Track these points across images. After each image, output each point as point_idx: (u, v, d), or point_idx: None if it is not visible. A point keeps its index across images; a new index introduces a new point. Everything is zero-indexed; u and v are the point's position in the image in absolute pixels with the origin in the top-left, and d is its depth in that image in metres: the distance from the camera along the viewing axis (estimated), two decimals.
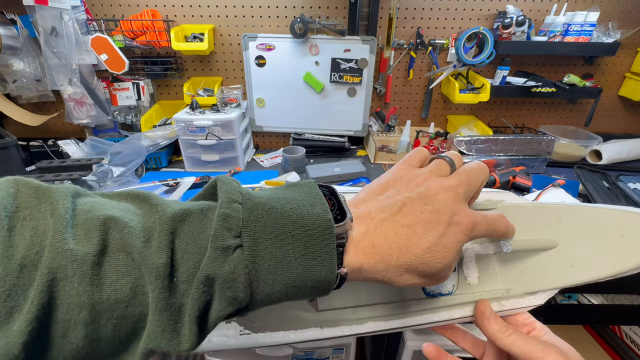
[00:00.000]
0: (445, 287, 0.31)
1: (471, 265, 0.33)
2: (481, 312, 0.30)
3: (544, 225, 0.31)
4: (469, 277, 0.32)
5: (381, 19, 1.12)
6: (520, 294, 0.31)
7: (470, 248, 0.33)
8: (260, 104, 1.19)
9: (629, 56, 1.21)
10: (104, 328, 0.19)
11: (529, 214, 0.32)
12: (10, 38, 1.01)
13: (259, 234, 0.21)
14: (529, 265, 0.31)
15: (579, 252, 0.30)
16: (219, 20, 1.10)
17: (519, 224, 0.31)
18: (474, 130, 1.18)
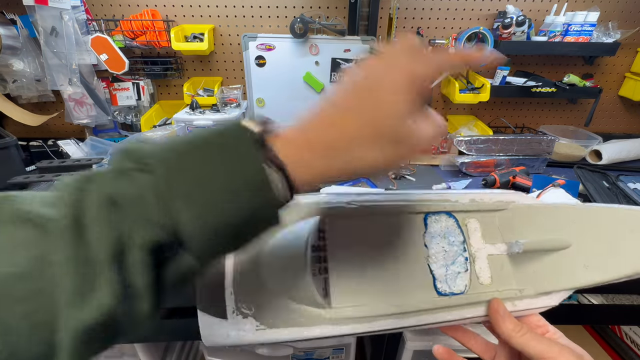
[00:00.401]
0: (458, 287, 0.32)
1: (483, 265, 0.33)
2: (495, 310, 0.30)
3: (556, 225, 0.31)
4: (481, 277, 0.32)
5: (381, 19, 1.12)
6: (534, 295, 0.31)
7: (483, 248, 0.33)
8: (260, 104, 1.19)
9: (629, 56, 1.21)
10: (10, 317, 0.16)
11: (542, 214, 0.32)
12: (10, 38, 1.01)
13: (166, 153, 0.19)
14: (542, 265, 0.31)
15: (592, 252, 0.29)
16: (219, 20, 1.10)
17: (531, 225, 0.31)
18: (474, 130, 1.18)
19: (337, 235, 0.34)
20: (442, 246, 0.34)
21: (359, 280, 0.33)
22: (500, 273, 0.32)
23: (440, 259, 0.33)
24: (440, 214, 0.35)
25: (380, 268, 0.33)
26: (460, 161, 1.04)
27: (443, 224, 0.35)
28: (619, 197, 0.88)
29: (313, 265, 0.32)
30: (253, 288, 0.33)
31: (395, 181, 1.01)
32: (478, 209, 0.35)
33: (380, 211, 0.35)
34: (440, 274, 0.32)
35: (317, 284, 0.32)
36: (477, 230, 0.34)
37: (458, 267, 0.33)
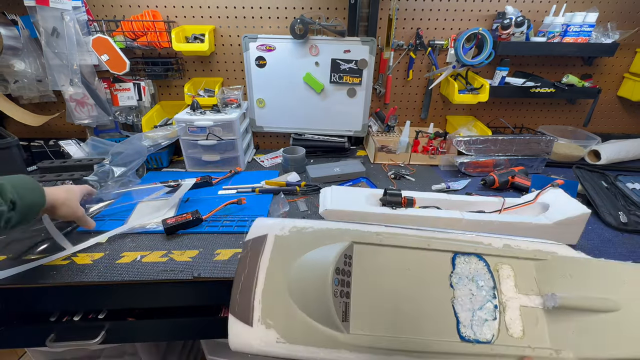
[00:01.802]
0: (484, 335, 0.29)
1: (515, 316, 0.30)
2: None
3: (604, 284, 0.29)
4: (512, 329, 0.30)
5: (381, 20, 1.12)
6: (572, 359, 0.28)
7: (515, 298, 0.31)
8: (260, 105, 1.20)
9: (627, 57, 1.22)
10: None
11: (587, 269, 0.30)
12: (11, 39, 1.01)
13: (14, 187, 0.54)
14: (584, 327, 0.28)
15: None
16: (220, 21, 1.11)
17: (574, 280, 0.29)
18: (473, 131, 1.18)
19: (363, 263, 0.35)
20: (469, 289, 0.32)
21: (380, 310, 0.32)
22: (534, 328, 0.30)
23: (466, 302, 0.31)
24: (471, 255, 0.34)
25: (402, 302, 0.32)
26: (459, 161, 1.04)
27: (472, 266, 0.33)
28: (617, 197, 0.88)
29: (335, 287, 0.33)
30: (280, 301, 0.35)
31: (395, 181, 1.02)
32: (513, 255, 0.33)
33: (408, 245, 0.35)
34: (465, 318, 0.31)
35: (338, 306, 0.32)
36: (510, 277, 0.32)
37: (486, 314, 0.31)
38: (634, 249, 0.71)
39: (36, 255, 0.67)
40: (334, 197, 0.77)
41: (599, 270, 0.30)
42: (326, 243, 0.36)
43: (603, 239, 0.74)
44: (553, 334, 0.29)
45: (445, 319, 0.31)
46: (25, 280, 0.62)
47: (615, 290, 0.28)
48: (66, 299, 0.67)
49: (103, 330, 0.72)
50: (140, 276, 0.63)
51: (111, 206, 0.85)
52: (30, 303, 0.66)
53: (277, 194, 0.91)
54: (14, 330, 0.72)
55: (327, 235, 0.37)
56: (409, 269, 0.34)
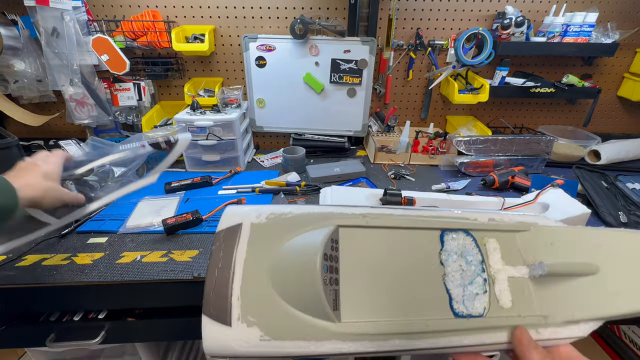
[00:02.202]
0: (476, 309, 0.30)
1: (504, 288, 0.31)
2: (519, 339, 0.28)
3: (583, 249, 0.30)
4: (502, 300, 0.31)
5: (381, 20, 1.12)
6: (560, 322, 0.29)
7: (502, 269, 0.32)
8: (260, 105, 1.20)
9: (627, 57, 1.22)
10: None
11: (566, 237, 0.31)
12: (11, 38, 1.01)
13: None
14: (569, 291, 0.30)
15: (624, 279, 0.28)
16: (220, 21, 1.11)
17: (555, 248, 0.30)
18: (473, 131, 1.18)
19: (350, 247, 0.34)
20: (459, 265, 0.32)
21: (371, 295, 0.32)
22: (522, 297, 0.31)
23: (457, 278, 0.32)
24: (458, 231, 0.34)
25: (393, 284, 0.32)
26: (459, 161, 1.04)
27: (460, 241, 0.34)
28: (617, 197, 0.88)
29: (324, 275, 0.31)
30: (262, 295, 0.32)
31: (395, 181, 1.02)
32: (497, 228, 0.34)
33: (395, 225, 0.34)
34: (457, 294, 0.31)
35: (328, 295, 0.31)
36: (496, 250, 0.33)
37: (476, 288, 0.31)
38: None
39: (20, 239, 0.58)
40: (334, 197, 0.77)
41: (577, 236, 0.31)
42: (309, 229, 0.34)
43: None
44: (540, 301, 0.30)
45: (438, 297, 0.31)
46: (25, 280, 0.62)
47: (593, 254, 0.29)
48: (66, 299, 0.67)
49: (103, 330, 0.72)
50: (140, 276, 0.63)
51: (111, 206, 0.85)
52: (30, 303, 0.66)
53: (277, 194, 0.91)
54: (14, 330, 0.72)
55: (310, 220, 0.34)
56: (398, 249, 0.33)
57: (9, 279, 0.62)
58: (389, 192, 0.77)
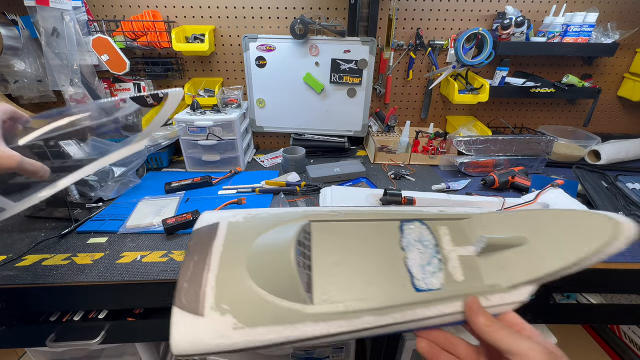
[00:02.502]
0: (434, 284, 0.35)
1: (455, 265, 0.36)
2: (469, 306, 0.32)
3: (513, 227, 0.37)
4: (455, 275, 0.36)
5: (381, 20, 1.12)
6: (505, 289, 0.33)
7: (453, 250, 0.37)
8: (260, 105, 1.20)
9: (627, 57, 1.22)
10: None
11: (500, 220, 0.38)
12: (11, 39, 1.01)
13: None
14: (507, 261, 0.35)
15: (546, 246, 0.34)
16: (220, 21, 1.11)
17: (492, 229, 0.37)
18: (473, 131, 1.18)
19: (322, 238, 0.38)
20: (417, 248, 0.38)
21: (342, 278, 0.35)
22: (471, 271, 0.36)
23: (416, 260, 0.37)
24: (414, 221, 0.40)
25: (361, 268, 0.36)
26: (459, 161, 1.04)
27: (417, 230, 0.39)
28: (617, 197, 0.88)
29: (298, 258, 0.34)
30: (237, 282, 0.33)
31: (395, 181, 1.02)
32: (446, 217, 0.40)
33: (361, 218, 0.39)
34: (417, 273, 0.36)
35: (301, 277, 0.33)
36: (447, 235, 0.39)
37: (433, 267, 0.36)
38: (634, 249, 0.71)
39: None
40: (334, 197, 0.77)
41: (507, 217, 0.38)
42: (283, 223, 0.38)
43: None
44: (486, 273, 0.35)
45: (401, 277, 0.35)
46: (25, 280, 0.62)
47: (522, 229, 0.36)
48: (66, 299, 0.67)
49: (103, 330, 0.72)
50: (140, 276, 0.63)
51: (111, 206, 0.86)
52: (30, 303, 0.66)
53: (277, 194, 0.91)
54: (14, 330, 0.72)
55: (284, 217, 0.38)
56: (365, 238, 0.38)
57: (9, 279, 0.62)
58: (389, 192, 0.77)
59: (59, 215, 0.81)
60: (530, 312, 0.81)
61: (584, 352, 1.26)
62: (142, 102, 0.57)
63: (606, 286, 0.73)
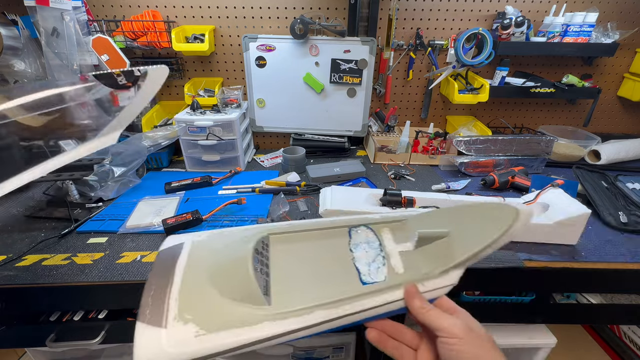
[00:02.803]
0: (379, 277, 0.39)
1: (397, 260, 0.41)
2: (407, 292, 0.37)
3: (438, 223, 0.42)
4: (396, 268, 0.40)
5: (381, 20, 1.12)
6: (437, 274, 0.38)
7: (395, 248, 0.42)
8: (260, 105, 1.20)
9: (627, 57, 1.22)
10: None
11: (428, 218, 0.44)
12: (11, 39, 1.01)
13: None
14: (437, 251, 0.40)
15: (465, 234, 0.39)
16: (220, 21, 1.11)
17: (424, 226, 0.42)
18: (473, 131, 1.18)
19: (279, 247, 0.43)
20: (363, 249, 0.43)
21: (296, 281, 0.38)
22: (410, 263, 0.40)
23: (363, 259, 0.41)
24: (360, 226, 0.46)
25: (314, 270, 0.40)
26: (459, 161, 1.04)
27: (364, 233, 0.45)
28: (617, 197, 0.88)
29: (255, 265, 0.37)
30: (199, 292, 0.35)
31: (395, 181, 1.02)
32: (387, 220, 0.46)
33: (314, 227, 0.45)
34: (364, 270, 0.40)
35: (259, 281, 0.36)
36: (389, 235, 0.44)
37: (377, 264, 0.41)
38: (634, 249, 0.71)
39: None
40: (334, 197, 0.77)
41: (437, 214, 0.44)
42: (243, 236, 0.42)
43: (603, 239, 0.74)
44: (422, 263, 0.40)
45: (350, 274, 0.40)
46: (25, 280, 0.62)
47: (448, 223, 0.41)
48: (66, 299, 0.67)
49: (103, 330, 0.72)
50: (140, 276, 0.63)
51: (111, 205, 0.85)
52: (30, 303, 0.66)
53: (277, 194, 0.91)
54: (14, 330, 0.72)
55: (245, 234, 0.43)
56: (318, 245, 0.43)
57: (9, 279, 0.62)
58: (389, 192, 0.77)
59: (58, 215, 0.81)
60: (530, 312, 0.82)
61: (584, 352, 1.26)
62: (110, 82, 0.44)
63: (606, 286, 0.73)
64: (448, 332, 0.33)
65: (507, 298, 0.81)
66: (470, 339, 0.32)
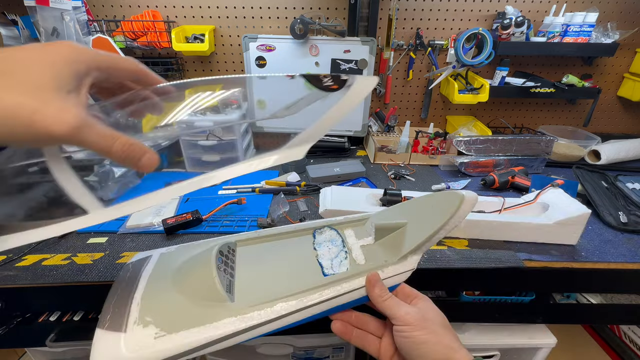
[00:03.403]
0: (341, 269, 0.41)
1: (358, 253, 0.43)
2: (368, 280, 0.38)
3: (397, 215, 0.45)
4: (358, 260, 0.42)
5: (381, 20, 1.12)
6: (396, 261, 0.40)
7: (356, 243, 0.45)
8: (260, 105, 1.20)
9: (627, 57, 1.22)
10: None
11: (391, 211, 0.47)
12: (11, 39, 1.02)
13: None
14: (395, 241, 0.42)
15: (419, 223, 0.41)
16: (220, 21, 1.11)
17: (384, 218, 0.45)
18: (473, 131, 1.18)
19: (246, 252, 0.44)
20: (327, 247, 0.45)
21: (261, 280, 0.40)
22: (371, 255, 0.43)
23: (326, 255, 0.44)
24: (324, 227, 0.48)
25: (278, 269, 0.41)
26: (459, 161, 1.04)
27: (327, 233, 0.47)
28: (617, 197, 0.88)
29: (219, 264, 0.38)
30: (161, 296, 0.35)
31: (395, 181, 1.02)
32: (350, 221, 0.49)
33: (281, 232, 0.47)
34: (327, 265, 0.42)
35: (222, 279, 0.37)
36: (351, 234, 0.47)
37: (340, 258, 0.43)
38: (634, 249, 0.71)
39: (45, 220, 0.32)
40: (333, 197, 0.77)
41: (395, 209, 0.47)
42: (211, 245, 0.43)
43: (603, 239, 0.74)
44: (382, 253, 0.42)
45: (313, 269, 0.41)
46: (25, 280, 0.62)
47: (404, 215, 0.44)
48: (66, 299, 0.67)
49: None
50: None
51: None
52: (30, 303, 0.66)
53: (277, 194, 0.91)
54: (14, 330, 0.72)
55: (213, 243, 0.44)
56: (284, 248, 0.46)
57: (9, 279, 0.62)
58: (389, 192, 0.77)
59: None
60: (530, 313, 0.82)
61: (584, 352, 1.26)
62: (317, 83, 0.39)
63: (606, 286, 0.73)
64: (402, 320, 0.34)
65: (507, 298, 0.81)
66: (421, 326, 0.33)
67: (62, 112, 0.23)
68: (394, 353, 0.37)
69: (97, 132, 0.25)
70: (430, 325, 0.34)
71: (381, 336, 0.38)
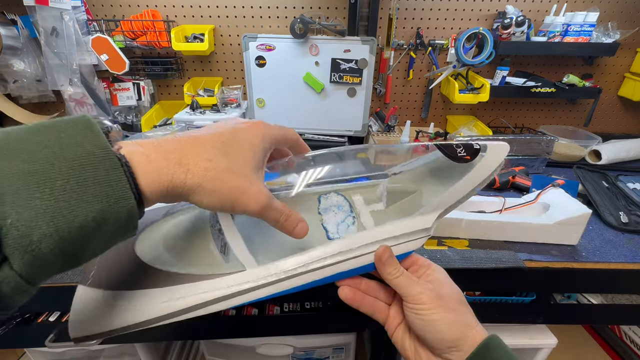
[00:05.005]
0: (348, 233, 0.39)
1: (367, 217, 0.41)
2: (378, 256, 0.34)
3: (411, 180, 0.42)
4: (366, 224, 0.40)
5: (381, 20, 1.12)
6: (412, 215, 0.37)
7: (365, 207, 0.43)
8: (260, 105, 1.20)
9: (628, 56, 1.21)
10: None
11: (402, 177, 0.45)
12: (10, 38, 1.01)
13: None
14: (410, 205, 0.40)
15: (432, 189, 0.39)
16: (219, 20, 1.11)
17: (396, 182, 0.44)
18: (473, 131, 1.18)
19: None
20: (332, 211, 0.42)
21: (262, 241, 0.38)
22: (381, 220, 0.40)
23: (331, 219, 0.41)
24: (330, 193, 0.45)
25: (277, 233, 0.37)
26: None
27: (333, 199, 0.44)
28: (618, 197, 0.88)
29: (214, 230, 0.36)
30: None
31: None
32: (359, 187, 0.46)
33: (283, 195, 0.44)
34: (332, 229, 0.40)
35: (216, 238, 0.35)
36: (360, 199, 0.44)
37: (347, 223, 0.41)
38: (635, 249, 0.71)
39: None
40: None
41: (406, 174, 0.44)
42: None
43: (604, 239, 0.74)
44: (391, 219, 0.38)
45: (318, 233, 0.39)
46: None
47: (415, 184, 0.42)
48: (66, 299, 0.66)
49: None
50: None
51: None
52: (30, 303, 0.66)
53: None
54: (13, 330, 0.72)
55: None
56: None
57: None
58: None
59: None
60: (531, 313, 0.81)
61: (585, 352, 1.26)
62: (450, 153, 0.39)
63: (607, 286, 0.73)
64: (415, 299, 0.32)
65: (508, 298, 0.81)
66: (436, 304, 0.32)
67: (259, 195, 0.28)
68: (401, 322, 0.36)
69: (274, 207, 0.30)
70: (446, 302, 0.32)
71: (390, 304, 0.37)
